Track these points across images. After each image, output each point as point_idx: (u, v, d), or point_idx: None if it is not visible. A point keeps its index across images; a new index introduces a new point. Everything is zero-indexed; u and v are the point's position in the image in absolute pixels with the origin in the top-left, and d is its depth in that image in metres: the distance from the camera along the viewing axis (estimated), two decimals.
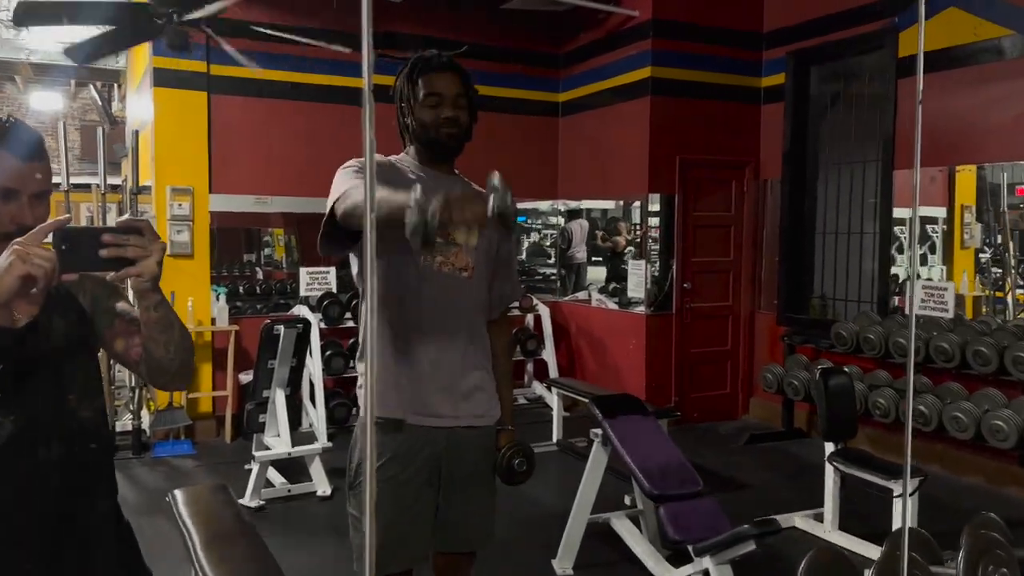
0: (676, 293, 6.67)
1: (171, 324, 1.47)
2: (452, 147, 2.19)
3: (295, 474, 4.99)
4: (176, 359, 1.50)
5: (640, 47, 6.57)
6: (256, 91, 6.37)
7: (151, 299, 1.42)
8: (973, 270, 6.01)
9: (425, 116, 2.14)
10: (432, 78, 2.14)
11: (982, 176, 5.77)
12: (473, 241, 1.83)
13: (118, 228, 1.33)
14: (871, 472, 4.05)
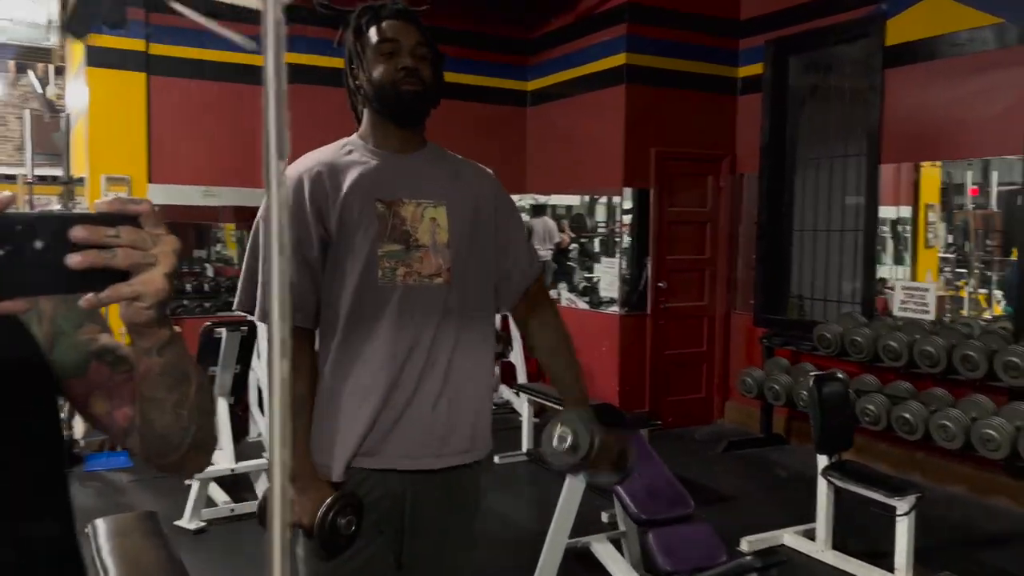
0: (651, 293, 6.36)
1: (185, 376, 0.95)
2: (414, 107, 1.77)
3: (240, 491, 4.58)
4: (191, 430, 0.98)
5: (614, 32, 6.26)
6: (201, 72, 5.92)
7: (156, 337, 0.89)
8: (937, 269, 5.83)
9: (379, 70, 1.74)
10: (384, 26, 1.76)
11: (947, 174, 5.55)
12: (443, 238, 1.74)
13: (97, 215, 0.79)
14: (871, 488, 3.80)
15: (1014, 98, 4.78)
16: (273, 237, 0.38)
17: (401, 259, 1.72)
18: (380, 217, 1.71)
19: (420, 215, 1.75)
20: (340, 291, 1.74)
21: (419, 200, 1.75)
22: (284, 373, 0.47)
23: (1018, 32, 4.74)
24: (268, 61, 0.43)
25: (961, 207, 5.70)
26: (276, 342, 0.48)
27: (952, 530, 4.42)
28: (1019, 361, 4.40)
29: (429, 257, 1.75)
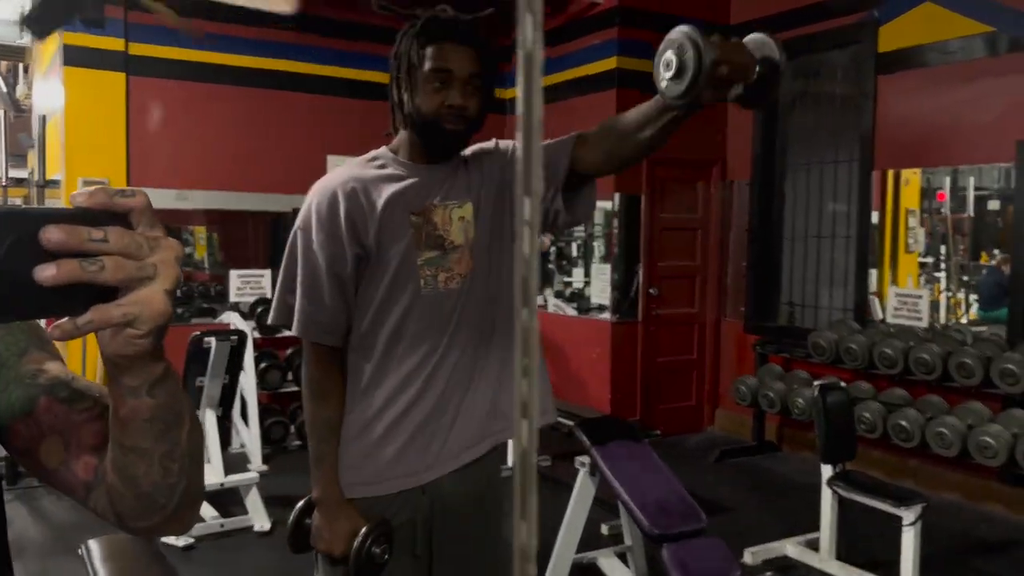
0: (642, 299, 6.31)
1: (178, 419, 0.76)
2: (454, 142, 1.76)
3: (228, 506, 4.44)
4: (181, 485, 0.79)
5: (605, 36, 6.21)
6: (182, 72, 5.77)
7: (147, 373, 0.70)
8: (917, 274, 5.88)
9: (426, 99, 1.68)
10: (444, 49, 1.68)
11: (927, 179, 5.59)
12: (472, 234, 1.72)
13: (75, 212, 0.61)
14: (877, 498, 3.75)
15: (1005, 106, 4.81)
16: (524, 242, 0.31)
17: (440, 264, 1.72)
18: (415, 227, 1.71)
19: (449, 217, 1.74)
20: (382, 306, 1.71)
21: (446, 203, 1.75)
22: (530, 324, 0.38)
23: (1009, 41, 4.77)
24: (520, 99, 0.35)
25: (939, 211, 5.74)
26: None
27: (950, 538, 4.41)
28: (1015, 368, 4.40)
29: (465, 256, 1.75)
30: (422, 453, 1.73)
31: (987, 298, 6.80)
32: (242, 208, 6.22)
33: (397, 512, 1.74)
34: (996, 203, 6.81)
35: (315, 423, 1.74)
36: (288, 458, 5.71)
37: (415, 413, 1.72)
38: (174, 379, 0.73)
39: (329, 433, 1.72)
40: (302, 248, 1.71)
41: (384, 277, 1.70)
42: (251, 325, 5.71)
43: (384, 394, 1.72)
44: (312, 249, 1.70)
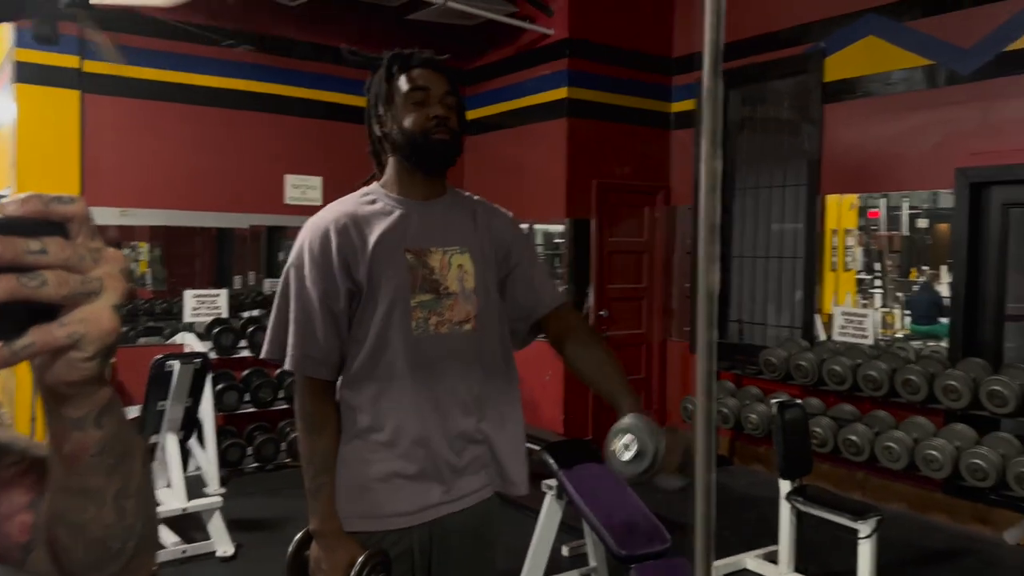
0: (593, 321, 6.22)
1: (129, 451, 0.65)
2: (444, 156, 1.70)
3: (189, 531, 4.16)
4: (137, 527, 0.67)
5: (556, 67, 6.13)
6: (138, 91, 5.52)
7: (93, 401, 0.59)
8: (855, 291, 5.94)
9: (410, 118, 1.67)
10: (416, 73, 1.70)
11: (864, 199, 5.67)
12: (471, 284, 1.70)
13: (7, 221, 0.52)
14: (834, 512, 3.69)
15: (944, 135, 4.87)
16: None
17: (433, 308, 1.66)
18: (411, 268, 1.65)
19: (447, 263, 1.69)
20: (375, 342, 1.63)
21: (445, 248, 1.70)
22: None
23: (948, 73, 4.84)
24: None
25: (874, 229, 5.81)
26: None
27: (899, 548, 4.38)
28: (957, 384, 4.42)
29: (458, 304, 1.69)
30: (422, 496, 1.66)
31: (920, 314, 6.93)
32: (201, 225, 5.97)
33: (395, 543, 1.65)
34: (925, 221, 6.95)
35: (312, 455, 1.64)
36: (245, 481, 5.42)
37: (413, 455, 1.66)
38: (119, 405, 0.63)
39: (326, 465, 1.63)
40: (295, 285, 1.63)
41: (377, 314, 1.63)
42: (208, 345, 5.45)
43: (380, 432, 1.64)
44: (305, 285, 1.62)
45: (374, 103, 1.74)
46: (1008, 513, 4.59)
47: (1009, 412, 4.23)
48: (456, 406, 1.67)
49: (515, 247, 1.81)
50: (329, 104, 6.35)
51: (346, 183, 7.15)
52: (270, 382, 5.70)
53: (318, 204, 6.33)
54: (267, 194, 6.14)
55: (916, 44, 4.95)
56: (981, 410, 4.36)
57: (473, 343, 1.71)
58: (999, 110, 4.62)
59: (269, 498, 5.10)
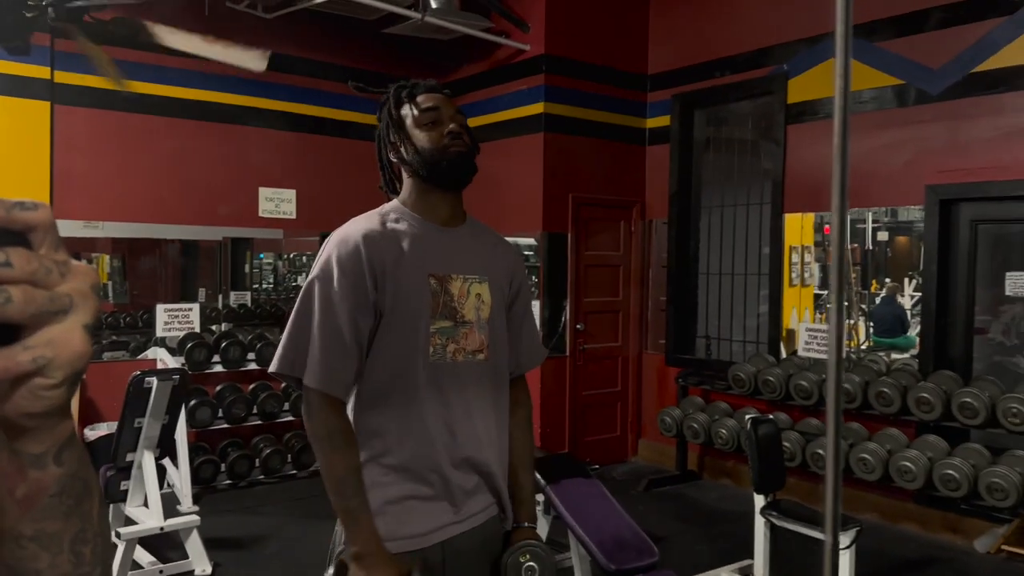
0: (569, 334, 6.22)
1: (87, 490, 0.57)
2: (462, 170, 1.69)
3: (167, 551, 4.06)
4: (96, 574, 0.59)
5: (533, 82, 6.15)
6: (110, 103, 5.41)
7: (55, 434, 0.52)
8: (813, 306, 6.05)
9: (425, 138, 1.68)
10: (422, 98, 1.72)
11: (820, 217, 5.78)
12: (486, 314, 1.70)
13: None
14: (810, 525, 3.71)
15: (912, 153, 4.96)
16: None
17: (451, 335, 1.66)
18: (433, 293, 1.65)
19: (467, 291, 1.70)
20: (395, 365, 1.60)
21: (466, 276, 1.70)
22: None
23: (917, 92, 4.94)
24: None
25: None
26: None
27: (873, 558, 4.43)
28: (930, 397, 4.49)
29: (473, 333, 1.69)
30: (435, 517, 1.64)
31: (883, 327, 7.07)
32: (174, 238, 5.88)
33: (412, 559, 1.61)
34: (885, 234, 7.11)
35: (344, 475, 1.55)
36: (218, 498, 5.32)
37: (426, 479, 1.62)
38: (78, 439, 0.55)
39: (358, 483, 1.56)
40: (320, 298, 1.57)
41: (398, 336, 1.61)
42: (180, 361, 5.35)
43: (395, 456, 1.61)
44: (332, 300, 1.56)
45: (385, 132, 1.73)
46: (979, 522, 4.67)
47: (979, 423, 4.30)
48: (467, 434, 1.66)
49: (522, 292, 1.84)
50: (304, 117, 6.30)
51: (321, 196, 7.16)
52: (243, 398, 5.61)
53: (291, 217, 6.27)
54: (241, 207, 6.06)
55: (886, 64, 5.05)
56: (952, 421, 4.43)
57: (487, 373, 1.70)
58: (967, 129, 4.73)
59: (244, 516, 5.00)
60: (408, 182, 1.73)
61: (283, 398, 5.76)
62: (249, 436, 5.77)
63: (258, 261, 6.71)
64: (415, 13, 5.67)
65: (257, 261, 6.70)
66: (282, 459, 5.73)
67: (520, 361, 1.84)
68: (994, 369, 4.84)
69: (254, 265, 6.66)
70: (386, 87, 1.77)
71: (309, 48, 6.24)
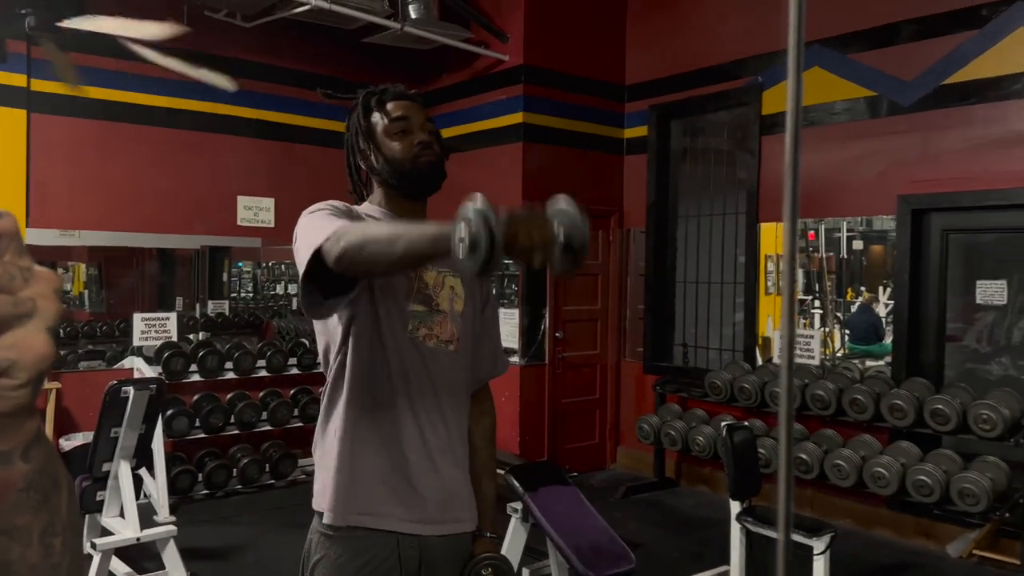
0: (549, 343, 6.25)
1: (56, 484, 0.59)
2: (431, 179, 1.70)
3: (143, 560, 4.03)
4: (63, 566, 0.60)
5: (512, 92, 6.19)
6: (87, 111, 5.39)
7: (22, 433, 0.55)
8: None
9: (395, 147, 1.68)
10: (392, 106, 1.71)
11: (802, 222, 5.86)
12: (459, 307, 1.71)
13: None
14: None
15: (885, 164, 5.04)
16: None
17: (424, 320, 1.67)
18: (408, 277, 1.66)
19: (441, 282, 1.71)
20: (362, 340, 1.61)
21: (439, 269, 1.70)
22: None
23: (889, 103, 5.03)
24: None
25: (815, 251, 6.00)
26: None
27: (848, 564, 4.47)
28: (902, 404, 4.55)
29: (446, 322, 1.70)
30: (414, 507, 1.64)
31: (858, 335, 7.16)
32: (152, 247, 5.86)
33: (390, 554, 1.62)
34: (860, 243, 7.21)
35: (393, 235, 1.33)
36: (196, 508, 5.28)
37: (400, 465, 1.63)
38: (46, 436, 0.58)
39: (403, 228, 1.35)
40: (320, 215, 1.51)
41: (378, 312, 1.62)
42: (157, 370, 5.32)
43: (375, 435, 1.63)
44: (332, 216, 1.51)
45: (354, 140, 1.74)
46: (951, 527, 4.74)
47: (951, 429, 4.37)
48: (436, 421, 1.67)
49: (490, 300, 1.86)
50: (284, 126, 6.30)
51: (299, 204, 7.04)
52: (221, 407, 5.57)
53: (270, 226, 6.26)
54: (219, 215, 6.04)
55: (859, 76, 5.13)
56: (925, 428, 4.49)
57: (455, 364, 1.71)
58: (938, 140, 4.81)
59: (221, 526, 4.97)
60: (377, 190, 1.74)
61: (261, 408, 5.73)
62: (227, 446, 5.73)
63: (236, 270, 6.69)
64: (394, 24, 5.70)
65: (235, 270, 6.67)
66: (260, 469, 5.70)
67: (487, 368, 1.85)
68: (966, 376, 4.92)
69: (232, 274, 6.63)
70: (355, 94, 1.77)
71: (288, 57, 6.25)
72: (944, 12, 4.76)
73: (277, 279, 6.81)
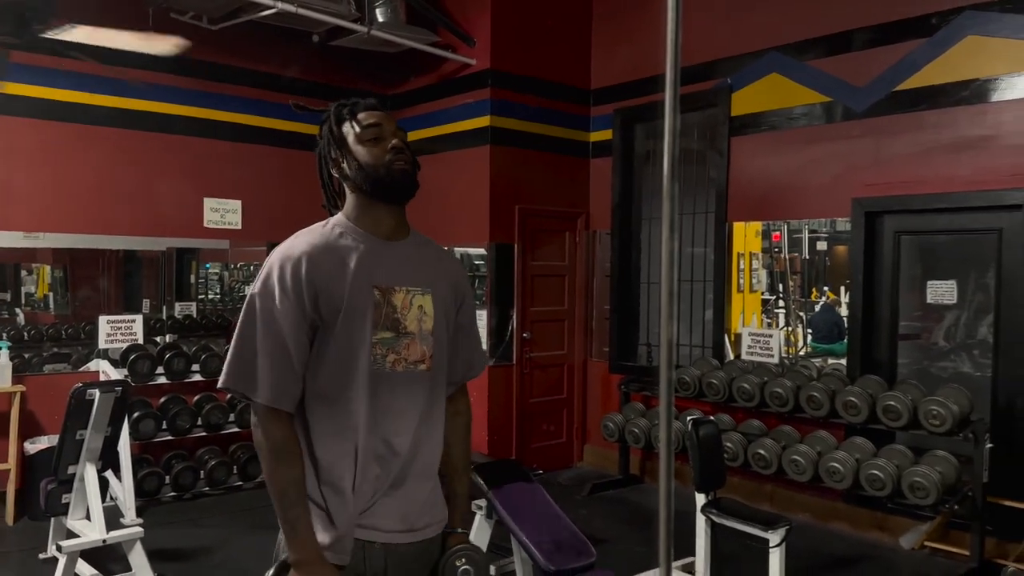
0: (516, 343, 6.33)
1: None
2: (405, 185, 1.72)
3: (109, 562, 4.05)
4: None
5: (479, 95, 6.26)
6: (48, 113, 5.39)
7: None
8: (760, 311, 6.27)
9: (369, 154, 1.70)
10: (364, 115, 1.75)
11: (767, 224, 6.01)
12: (428, 326, 1.73)
13: None
14: (746, 523, 3.87)
15: (841, 167, 5.19)
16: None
17: (391, 346, 1.69)
18: (376, 304, 1.67)
19: (409, 303, 1.72)
20: (334, 374, 1.65)
21: (408, 288, 1.72)
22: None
23: (844, 109, 5.18)
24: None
25: (776, 252, 6.16)
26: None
27: (806, 556, 4.61)
28: (856, 400, 4.69)
29: (415, 344, 1.72)
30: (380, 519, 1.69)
31: (820, 332, 7.34)
32: (118, 249, 5.84)
33: (358, 563, 1.67)
34: (824, 244, 7.39)
35: (286, 487, 1.62)
36: (163, 510, 5.29)
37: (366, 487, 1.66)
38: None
39: (300, 494, 1.63)
40: (262, 313, 1.62)
41: (339, 347, 1.64)
42: (123, 372, 5.32)
43: (336, 460, 1.66)
44: (274, 315, 1.61)
45: (327, 150, 1.76)
46: (903, 520, 4.89)
47: (903, 425, 4.51)
48: (406, 442, 1.70)
49: (466, 303, 1.88)
50: (250, 127, 6.31)
51: (266, 207, 7.17)
52: (188, 410, 5.59)
53: (237, 228, 6.27)
54: (185, 217, 6.05)
55: (816, 82, 5.28)
56: (878, 424, 4.64)
57: (425, 383, 1.74)
58: (890, 145, 4.97)
59: (189, 527, 4.99)
60: (351, 198, 1.74)
61: (228, 409, 5.75)
62: (194, 448, 5.74)
63: (204, 272, 6.69)
64: (361, 27, 5.75)
65: (204, 271, 6.67)
66: (228, 470, 5.72)
67: (462, 371, 1.89)
68: (920, 374, 5.08)
69: (200, 276, 6.63)
70: (326, 105, 1.80)
71: (254, 59, 6.27)
72: (896, 20, 4.92)
73: (246, 281, 6.82)
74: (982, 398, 4.66)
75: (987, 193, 4.57)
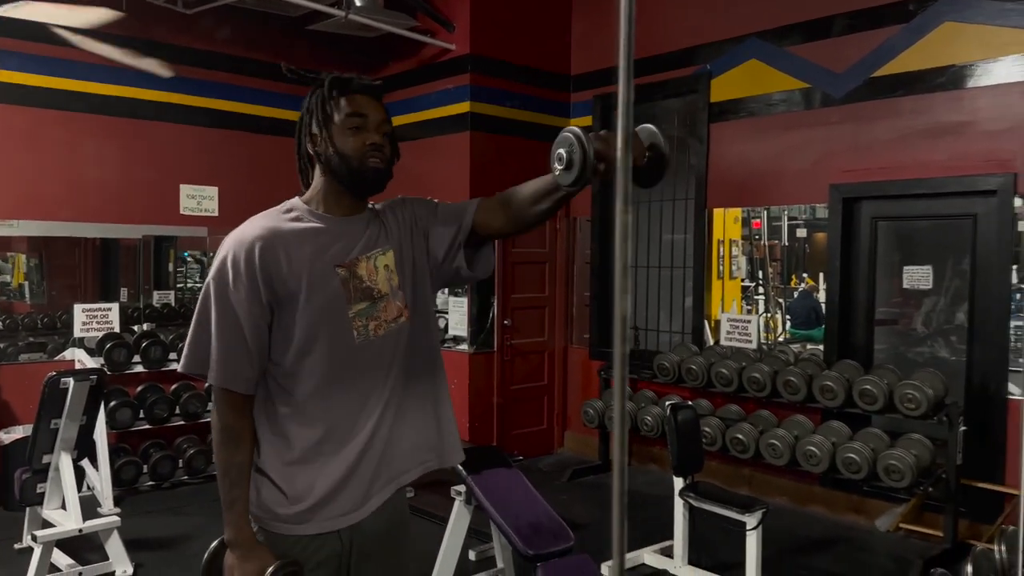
0: (497, 330, 6.34)
1: None
2: (375, 182, 1.71)
3: (86, 552, 4.03)
4: None
5: (459, 81, 6.23)
6: (23, 99, 5.33)
7: None
8: (740, 298, 6.31)
9: (347, 143, 1.68)
10: (355, 98, 1.71)
11: (747, 211, 6.03)
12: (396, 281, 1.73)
13: None
14: (724, 506, 3.92)
15: (819, 153, 5.22)
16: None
17: (370, 314, 1.70)
18: (343, 281, 1.68)
19: (374, 267, 1.73)
20: (307, 356, 1.66)
21: (369, 253, 1.72)
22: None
23: (822, 95, 5.20)
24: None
25: (757, 239, 6.19)
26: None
27: (783, 539, 4.66)
28: (833, 385, 4.74)
29: (391, 303, 1.74)
30: (347, 500, 1.70)
31: (799, 319, 7.39)
32: (93, 237, 5.79)
33: (316, 551, 1.69)
34: (803, 231, 7.45)
35: (228, 468, 1.66)
36: (141, 499, 5.27)
37: (341, 460, 1.69)
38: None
39: (241, 477, 1.67)
40: (217, 299, 1.64)
41: (306, 326, 1.65)
42: (99, 361, 5.28)
43: (309, 438, 1.67)
44: (229, 300, 1.63)
45: (308, 121, 1.73)
46: (879, 503, 4.96)
47: (879, 409, 4.57)
48: (391, 404, 1.72)
49: (439, 212, 1.81)
50: (226, 113, 6.26)
51: (242, 193, 7.13)
52: (165, 398, 5.56)
53: (214, 215, 6.23)
54: (162, 204, 6.00)
55: (794, 68, 5.30)
56: (854, 408, 4.69)
57: (405, 334, 1.74)
58: (867, 131, 5.00)
59: (167, 516, 4.97)
60: (319, 176, 1.74)
61: (206, 398, 5.73)
62: (172, 437, 5.72)
63: (182, 259, 6.64)
64: (339, 11, 5.70)
65: (182, 259, 6.63)
66: (206, 459, 5.70)
67: (463, 212, 1.78)
68: (896, 359, 5.13)
69: (178, 264, 6.58)
70: (319, 71, 1.78)
71: (231, 44, 6.21)
72: (874, 7, 4.94)
73: None
74: (957, 383, 4.71)
75: (962, 179, 4.61)
